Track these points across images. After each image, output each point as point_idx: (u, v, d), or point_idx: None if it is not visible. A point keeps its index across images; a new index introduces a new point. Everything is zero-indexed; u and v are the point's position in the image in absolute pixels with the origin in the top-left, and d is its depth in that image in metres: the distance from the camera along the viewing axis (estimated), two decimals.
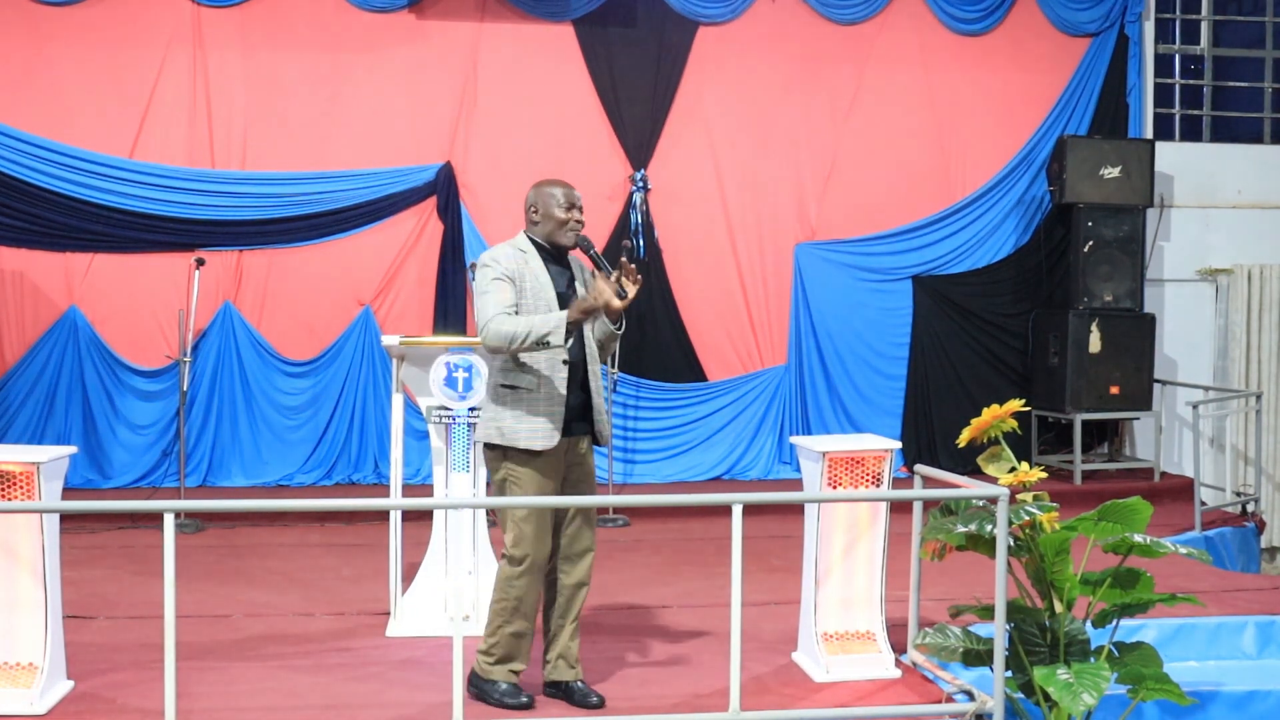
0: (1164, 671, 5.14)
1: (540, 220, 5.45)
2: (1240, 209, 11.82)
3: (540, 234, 5.46)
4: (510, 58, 10.52)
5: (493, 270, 5.26)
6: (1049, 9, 11.25)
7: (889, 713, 5.25)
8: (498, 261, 5.29)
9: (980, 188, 11.16)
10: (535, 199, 5.47)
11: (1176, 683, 5.10)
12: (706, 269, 10.78)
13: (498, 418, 5.23)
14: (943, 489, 5.57)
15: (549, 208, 5.44)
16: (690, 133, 10.73)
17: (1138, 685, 5.12)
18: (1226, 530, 9.41)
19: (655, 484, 10.44)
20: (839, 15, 10.91)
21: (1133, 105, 11.53)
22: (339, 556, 8.14)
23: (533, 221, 5.47)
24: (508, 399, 5.24)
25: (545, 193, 5.48)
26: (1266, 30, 12.20)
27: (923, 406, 11.01)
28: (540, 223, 5.45)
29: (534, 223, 5.46)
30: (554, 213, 5.43)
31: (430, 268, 10.42)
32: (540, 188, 5.52)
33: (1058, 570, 5.16)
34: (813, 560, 5.74)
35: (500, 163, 10.46)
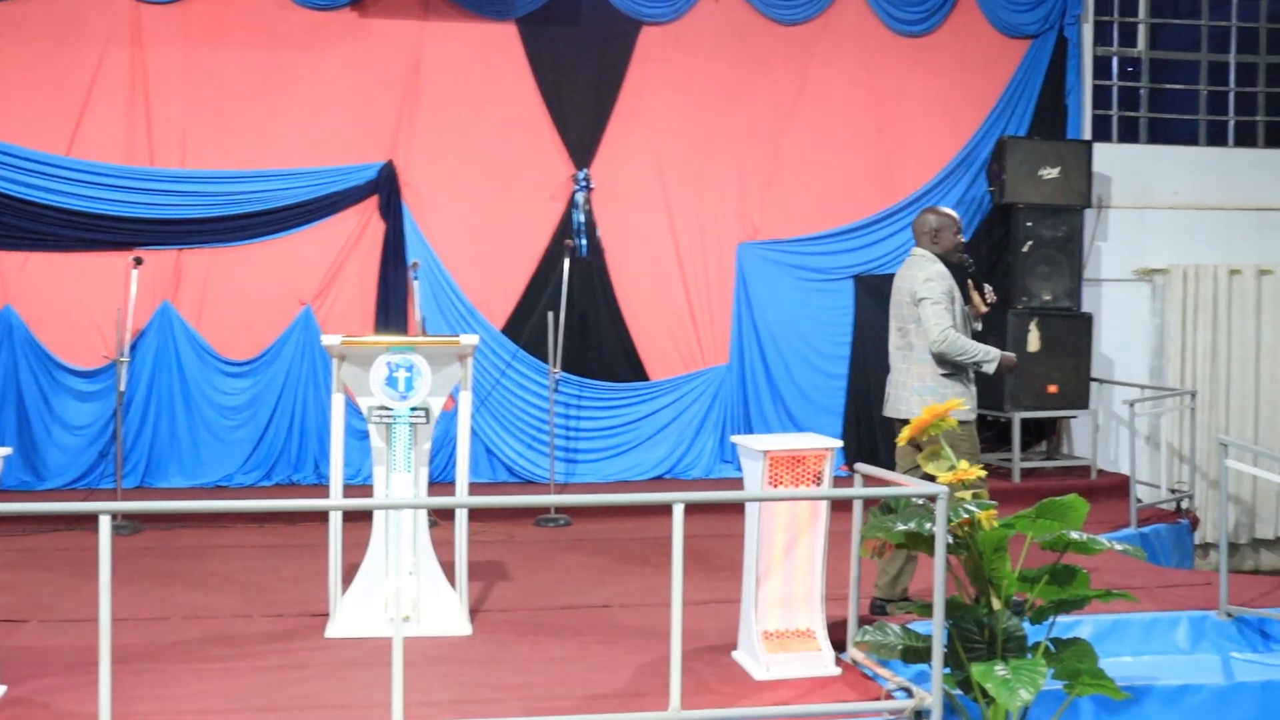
0: (1099, 667, 5.19)
1: (940, 240, 6.82)
2: (1176, 210, 11.96)
3: (940, 251, 6.81)
4: (453, 56, 10.49)
5: (939, 285, 6.64)
6: (990, 11, 11.34)
7: (829, 710, 5.26)
8: (943, 278, 6.69)
9: (921, 188, 11.23)
10: (939, 223, 6.81)
11: (1112, 678, 5.16)
12: (649, 268, 10.78)
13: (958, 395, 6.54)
14: (883, 487, 5.60)
15: (951, 231, 6.82)
16: (633, 132, 10.73)
17: (1073, 681, 5.17)
18: (1161, 527, 9.52)
19: (597, 483, 10.43)
20: (781, 15, 10.95)
21: (1071, 107, 11.64)
22: (278, 558, 8.08)
23: (934, 241, 6.82)
24: (948, 385, 6.63)
25: (947, 218, 6.85)
26: (1202, 34, 12.35)
27: (864, 405, 11.06)
28: (940, 242, 6.82)
29: (935, 242, 6.82)
30: (955, 238, 6.82)
31: (372, 267, 10.37)
32: (941, 214, 6.86)
33: (996, 567, 5.20)
34: (753, 559, 5.75)
35: (443, 162, 10.43)
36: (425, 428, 6.28)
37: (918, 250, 6.86)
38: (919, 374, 6.70)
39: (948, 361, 6.64)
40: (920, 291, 6.65)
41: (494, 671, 5.78)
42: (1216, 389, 12.04)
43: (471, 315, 10.43)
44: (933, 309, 6.60)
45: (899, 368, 6.84)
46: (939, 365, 6.66)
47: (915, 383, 6.70)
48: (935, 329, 6.58)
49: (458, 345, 6.32)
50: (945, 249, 6.82)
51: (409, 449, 6.26)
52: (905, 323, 6.78)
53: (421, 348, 6.27)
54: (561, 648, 6.19)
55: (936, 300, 6.60)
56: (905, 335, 6.78)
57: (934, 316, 6.59)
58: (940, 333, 6.56)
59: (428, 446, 6.35)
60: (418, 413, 6.21)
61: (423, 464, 6.31)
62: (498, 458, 10.48)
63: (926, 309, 6.62)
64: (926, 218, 6.87)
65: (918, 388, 6.68)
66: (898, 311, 6.85)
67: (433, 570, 6.39)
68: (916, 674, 5.52)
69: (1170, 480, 11.55)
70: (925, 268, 6.74)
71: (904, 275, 6.84)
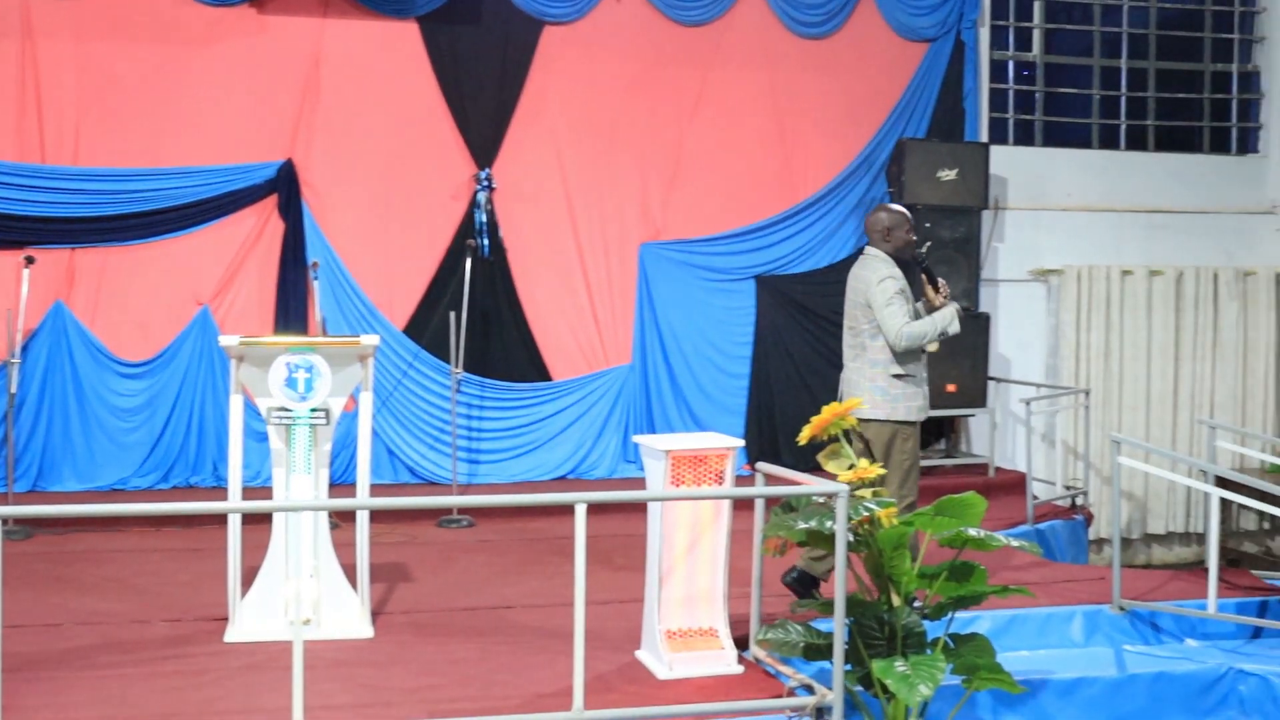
0: (997, 661, 5.27)
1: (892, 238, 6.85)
2: (1070, 211, 12.17)
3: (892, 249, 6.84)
4: (353, 54, 10.39)
5: (891, 286, 6.67)
6: (889, 14, 11.46)
7: (731, 708, 5.29)
8: (895, 278, 6.72)
9: (822, 189, 11.32)
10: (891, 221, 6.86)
11: (1008, 672, 5.25)
12: (551, 268, 10.76)
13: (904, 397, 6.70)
14: (784, 486, 5.65)
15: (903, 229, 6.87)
16: (535, 132, 10.71)
17: (971, 675, 5.25)
18: (1057, 523, 9.68)
19: (500, 484, 10.39)
20: (683, 16, 10.98)
21: (969, 109, 11.79)
22: (176, 562, 7.96)
23: (886, 239, 6.85)
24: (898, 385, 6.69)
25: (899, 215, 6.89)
26: (1095, 39, 12.57)
27: (765, 405, 11.14)
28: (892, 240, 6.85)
29: (887, 240, 6.85)
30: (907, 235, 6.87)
31: (271, 267, 10.24)
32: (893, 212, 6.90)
33: (895, 565, 5.26)
34: (656, 558, 5.77)
35: (343, 160, 10.33)
36: (325, 429, 6.23)
37: (870, 249, 6.91)
38: (871, 375, 6.76)
39: (905, 363, 6.72)
40: (874, 295, 6.70)
41: (396, 674, 5.74)
42: (1110, 387, 12.27)
43: (372, 315, 10.34)
44: (887, 311, 6.66)
45: (851, 366, 6.92)
46: (893, 367, 6.72)
47: (868, 383, 6.76)
48: (891, 332, 6.66)
49: (358, 346, 6.28)
50: (897, 246, 6.87)
51: (309, 450, 6.20)
52: (857, 322, 6.83)
53: (321, 348, 6.21)
54: (464, 649, 6.17)
55: (888, 301, 6.67)
56: (857, 335, 6.83)
57: (889, 319, 6.66)
58: (896, 334, 6.65)
59: (328, 448, 6.30)
60: (318, 414, 6.16)
61: (323, 465, 6.26)
62: (399, 459, 10.40)
63: (883, 313, 6.67)
64: (879, 216, 6.91)
65: (870, 388, 6.75)
66: (850, 310, 6.90)
67: (333, 572, 6.34)
68: (818, 671, 5.57)
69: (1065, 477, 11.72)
70: (878, 269, 6.78)
71: (856, 275, 6.89)
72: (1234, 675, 6.49)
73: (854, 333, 6.86)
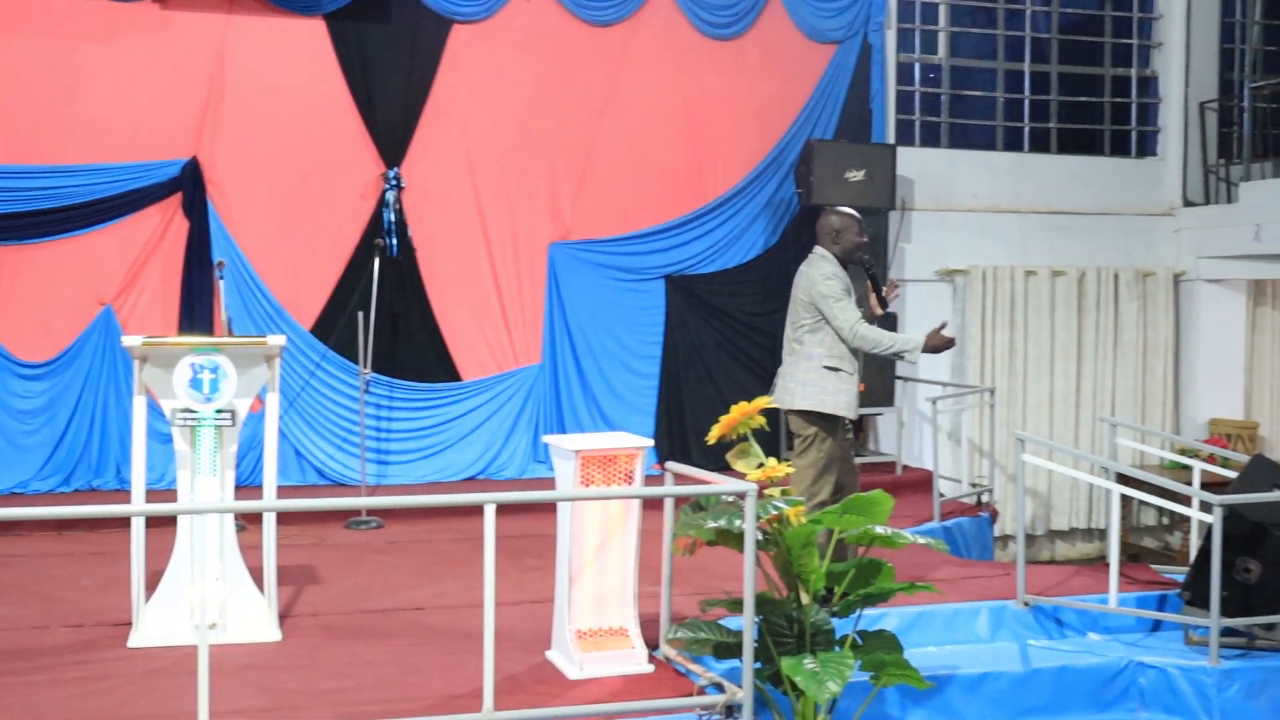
0: (904, 657, 5.33)
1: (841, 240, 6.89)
2: (975, 212, 12.33)
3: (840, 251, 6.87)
4: (259, 51, 10.27)
5: (838, 283, 6.75)
6: (797, 16, 11.53)
7: (642, 707, 5.30)
8: (839, 276, 6.80)
9: (731, 189, 11.38)
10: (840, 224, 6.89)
11: (916, 668, 5.30)
12: (460, 268, 10.72)
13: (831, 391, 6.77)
14: (693, 485, 5.66)
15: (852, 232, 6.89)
16: (444, 131, 10.66)
17: (879, 672, 5.30)
18: (963, 520, 9.78)
19: (409, 485, 10.33)
20: (593, 16, 10.99)
21: (876, 111, 11.91)
22: (78, 566, 7.83)
23: (835, 241, 6.88)
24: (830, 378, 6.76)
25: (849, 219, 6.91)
26: (998, 43, 12.75)
27: (675, 404, 11.17)
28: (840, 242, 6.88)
29: (835, 242, 6.88)
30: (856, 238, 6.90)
31: (175, 266, 10.10)
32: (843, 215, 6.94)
33: (804, 562, 5.30)
34: (566, 558, 5.76)
35: (249, 159, 10.22)
36: (231, 430, 6.16)
37: (818, 249, 6.95)
38: (805, 368, 6.85)
39: (840, 359, 6.80)
40: (822, 290, 6.77)
41: (304, 677, 5.69)
42: (1014, 386, 12.45)
43: (279, 315, 10.24)
44: (837, 306, 6.73)
45: (787, 361, 7.01)
46: (826, 360, 6.80)
47: (801, 375, 6.85)
48: (844, 326, 6.73)
49: (264, 346, 6.21)
50: (846, 249, 6.92)
51: (214, 452, 6.13)
52: (799, 318, 6.91)
53: (227, 349, 6.14)
54: (374, 651, 6.12)
55: (839, 297, 6.74)
56: (796, 330, 6.92)
57: (841, 313, 6.73)
58: (850, 328, 6.72)
59: (234, 449, 6.23)
60: (223, 415, 6.08)
61: (229, 467, 6.18)
62: (307, 460, 10.31)
63: (832, 307, 6.74)
64: (829, 219, 6.95)
65: (801, 380, 6.84)
66: (793, 307, 6.98)
67: (240, 575, 6.27)
68: (728, 669, 5.60)
69: (971, 475, 11.90)
70: (822, 267, 6.84)
71: (803, 273, 6.95)
72: (1134, 668, 6.60)
73: (794, 328, 6.95)
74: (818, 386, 6.79)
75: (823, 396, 6.79)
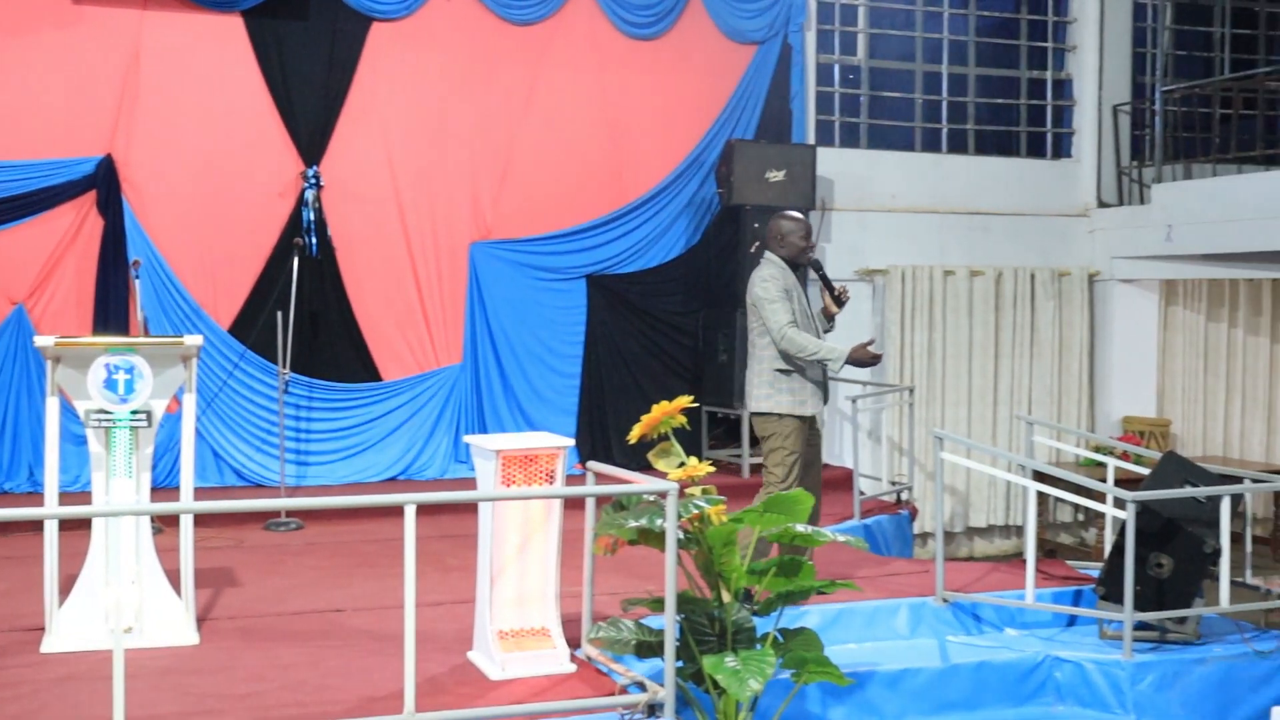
0: (825, 655, 5.36)
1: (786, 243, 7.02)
2: (894, 213, 12.43)
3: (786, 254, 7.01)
4: (176, 48, 10.14)
5: (774, 285, 6.86)
6: (717, 16, 11.57)
7: (564, 708, 5.29)
8: (776, 278, 6.90)
9: (652, 189, 11.39)
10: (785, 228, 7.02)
11: (836, 665, 5.33)
12: (381, 267, 10.65)
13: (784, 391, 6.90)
14: (614, 485, 5.67)
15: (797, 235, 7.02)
16: (364, 129, 10.58)
17: (800, 669, 5.33)
18: (883, 518, 9.85)
19: (329, 486, 10.25)
20: (513, 15, 10.95)
21: (796, 112, 11.97)
22: None
23: (781, 244, 7.02)
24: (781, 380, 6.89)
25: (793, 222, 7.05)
26: (917, 45, 12.87)
27: (597, 404, 11.17)
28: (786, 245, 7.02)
29: (781, 245, 7.02)
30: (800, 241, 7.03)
31: (90, 265, 9.95)
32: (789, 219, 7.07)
33: (725, 561, 5.32)
34: (487, 558, 5.75)
35: (165, 156, 10.09)
36: (147, 431, 6.08)
37: (766, 253, 7.13)
38: (758, 371, 7.00)
39: (789, 360, 6.90)
40: (758, 292, 6.93)
41: (223, 681, 5.63)
42: (933, 385, 12.57)
43: (196, 315, 10.12)
44: (770, 308, 6.86)
45: (748, 364, 7.15)
46: (775, 362, 6.93)
47: (756, 378, 7.01)
48: (775, 327, 6.85)
49: (181, 346, 6.14)
50: (792, 252, 7.05)
51: (130, 454, 6.05)
52: (751, 323, 7.07)
53: (143, 349, 6.07)
54: (293, 654, 6.07)
55: (773, 299, 6.86)
56: (751, 334, 7.08)
57: (772, 315, 6.86)
58: (779, 330, 6.83)
59: (150, 451, 6.15)
60: (139, 416, 6.01)
61: (145, 469, 6.11)
62: (225, 461, 10.20)
63: (765, 309, 6.89)
64: (776, 223, 7.11)
65: (756, 383, 7.00)
66: (748, 311, 7.12)
67: (156, 579, 6.19)
68: (650, 669, 5.60)
69: (891, 473, 12.00)
70: (763, 270, 7.01)
71: (750, 278, 7.12)
72: (1050, 662, 6.70)
73: (750, 331, 7.11)
74: (771, 388, 6.94)
75: (777, 398, 6.93)
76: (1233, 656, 6.80)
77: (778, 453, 6.94)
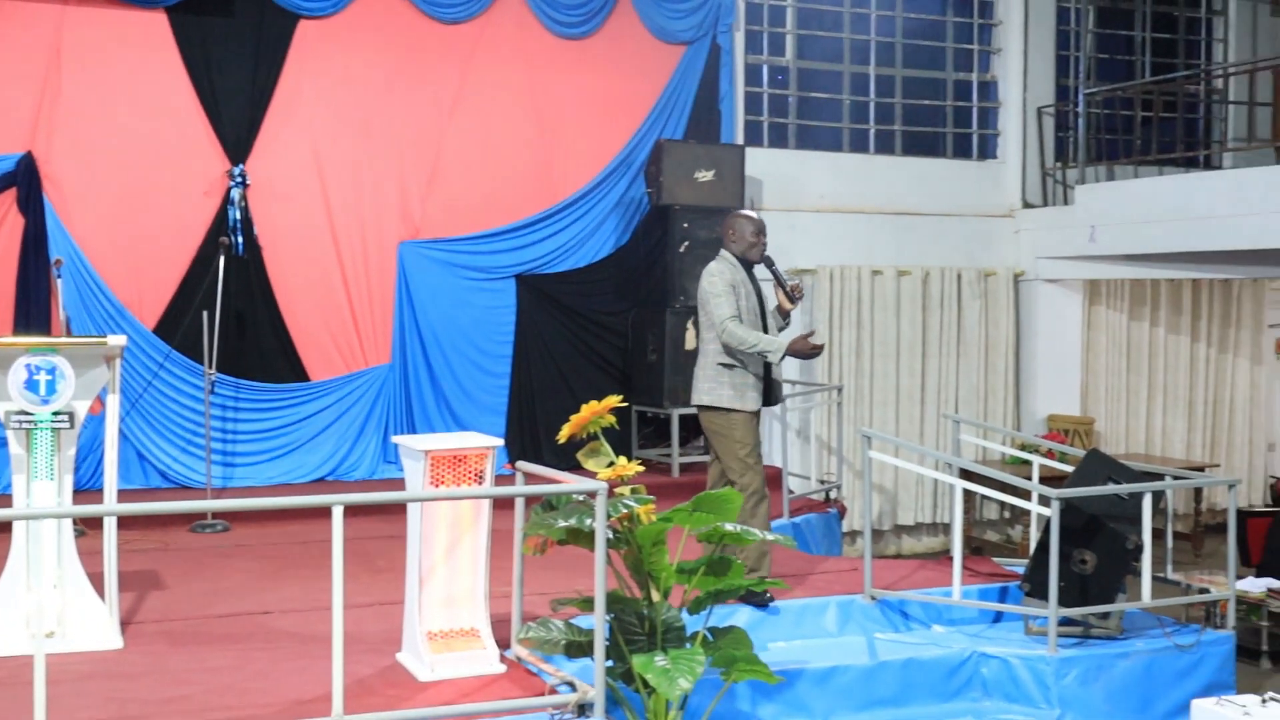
0: (754, 653, 5.39)
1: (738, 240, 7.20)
2: (822, 213, 12.49)
3: (739, 251, 7.18)
4: (98, 44, 10.00)
5: (719, 280, 7.02)
6: (646, 17, 11.58)
7: (493, 708, 5.29)
8: (722, 273, 7.06)
9: (581, 188, 11.39)
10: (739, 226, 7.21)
11: (766, 663, 5.36)
12: (308, 267, 10.57)
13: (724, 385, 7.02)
14: (543, 485, 5.67)
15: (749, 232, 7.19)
16: (291, 128, 10.50)
17: (730, 667, 5.35)
18: (812, 516, 9.91)
19: (256, 487, 10.16)
20: (442, 14, 10.91)
21: (725, 112, 12.01)
22: None
23: (733, 241, 7.19)
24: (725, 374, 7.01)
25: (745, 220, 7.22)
26: (845, 46, 12.95)
27: (527, 404, 11.15)
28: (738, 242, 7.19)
29: (734, 242, 7.19)
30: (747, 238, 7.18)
31: (10, 264, 9.80)
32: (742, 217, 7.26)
33: (654, 560, 5.33)
34: (416, 559, 5.73)
35: (88, 154, 9.95)
36: (69, 433, 6.01)
37: (721, 250, 7.26)
38: (703, 365, 7.15)
39: (732, 354, 7.01)
40: (704, 285, 7.11)
41: (148, 685, 5.57)
42: (861, 384, 12.64)
43: (120, 315, 9.99)
44: (714, 301, 7.02)
45: (697, 360, 7.26)
46: (719, 356, 7.05)
47: (701, 372, 7.15)
48: (717, 321, 6.99)
49: (105, 346, 6.07)
50: (742, 249, 7.22)
51: (51, 456, 5.97)
52: (700, 316, 7.22)
53: (65, 349, 5.99)
54: (220, 657, 6.02)
55: (718, 293, 7.01)
56: (700, 328, 7.24)
57: (716, 309, 7.00)
58: (720, 323, 6.97)
59: (72, 453, 6.08)
60: (61, 417, 5.93)
61: (67, 471, 6.03)
62: (150, 462, 10.08)
63: (709, 302, 7.04)
64: (729, 219, 7.31)
65: (701, 376, 7.15)
66: (698, 306, 7.28)
67: (79, 582, 6.11)
68: (580, 668, 5.61)
69: (819, 472, 12.05)
70: (711, 265, 7.19)
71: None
72: (977, 658, 6.78)
73: (700, 326, 7.26)
74: (714, 382, 7.07)
75: (718, 391, 7.06)
76: (1155, 650, 6.92)
77: (731, 454, 7.04)
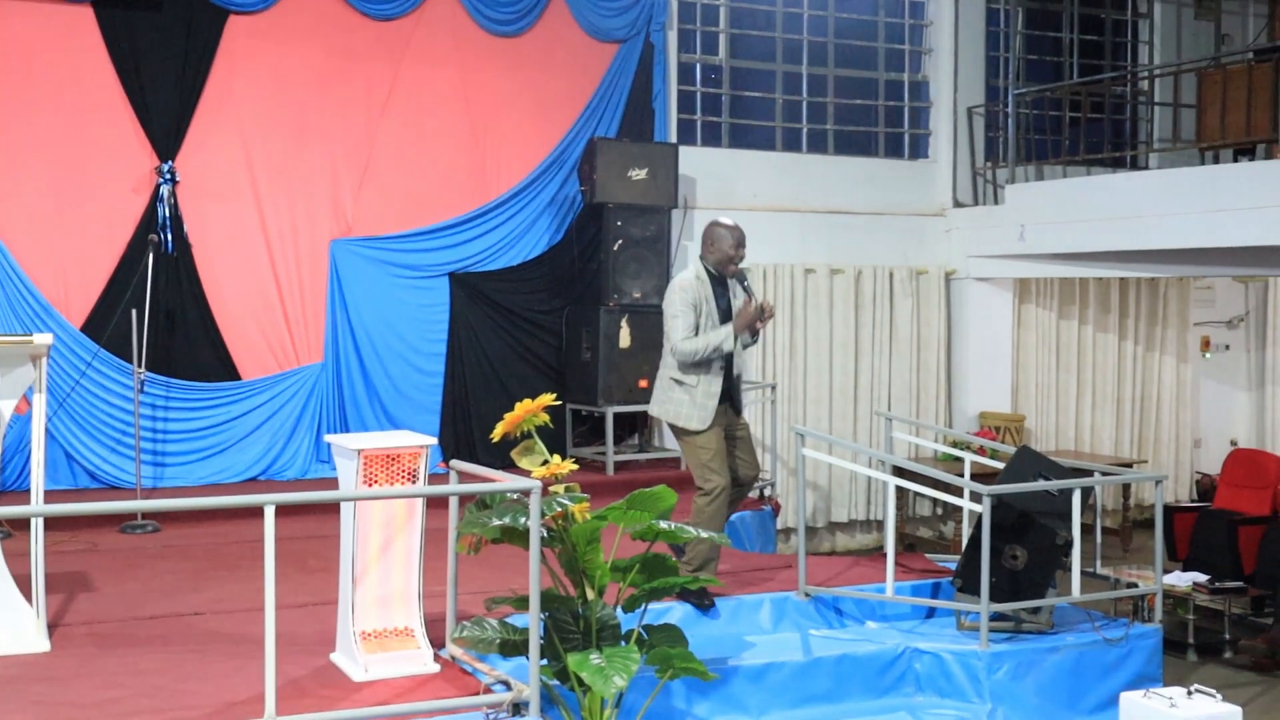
0: (689, 651, 5.41)
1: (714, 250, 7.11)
2: (755, 211, 12.50)
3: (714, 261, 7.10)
4: (21, 38, 9.84)
5: (679, 297, 6.92)
6: (580, 15, 11.57)
7: (428, 708, 5.27)
8: (685, 290, 6.95)
9: (514, 186, 11.36)
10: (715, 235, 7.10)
11: (701, 660, 5.38)
12: (239, 265, 10.47)
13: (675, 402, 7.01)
14: (477, 483, 5.65)
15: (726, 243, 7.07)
16: (221, 124, 10.39)
17: (665, 665, 5.37)
18: (746, 514, 9.92)
19: (187, 487, 10.05)
20: (373, 10, 10.84)
21: (658, 110, 12.02)
22: None
23: (710, 250, 7.11)
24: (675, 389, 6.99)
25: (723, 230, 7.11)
26: (777, 45, 13.00)
27: (461, 402, 11.12)
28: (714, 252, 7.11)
29: (710, 252, 7.11)
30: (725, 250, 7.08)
31: None
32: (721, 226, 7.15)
33: (589, 559, 5.34)
34: (349, 559, 5.70)
35: (12, 150, 9.79)
36: None
37: (699, 255, 7.24)
38: (660, 376, 7.16)
39: (688, 370, 6.97)
40: (667, 300, 7.07)
41: (76, 688, 5.50)
42: (795, 382, 12.70)
43: (47, 313, 9.86)
44: (671, 322, 7.00)
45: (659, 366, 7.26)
46: (673, 371, 7.04)
47: (659, 383, 7.16)
48: (670, 344, 6.98)
49: (30, 344, 6.00)
50: (718, 259, 7.15)
51: None
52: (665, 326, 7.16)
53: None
54: (151, 659, 5.96)
55: (675, 314, 6.96)
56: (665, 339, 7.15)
57: (671, 330, 6.99)
58: (672, 346, 6.96)
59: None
60: None
61: None
62: (78, 463, 9.95)
63: (667, 322, 7.02)
64: (709, 228, 7.24)
65: (657, 388, 7.18)
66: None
67: (4, 584, 6.03)
68: (515, 667, 5.61)
69: None
70: (678, 278, 7.17)
71: None
72: (910, 654, 6.83)
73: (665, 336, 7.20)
74: (665, 396, 7.09)
75: (667, 406, 7.09)
76: (1084, 644, 7.01)
77: (695, 459, 7.07)
